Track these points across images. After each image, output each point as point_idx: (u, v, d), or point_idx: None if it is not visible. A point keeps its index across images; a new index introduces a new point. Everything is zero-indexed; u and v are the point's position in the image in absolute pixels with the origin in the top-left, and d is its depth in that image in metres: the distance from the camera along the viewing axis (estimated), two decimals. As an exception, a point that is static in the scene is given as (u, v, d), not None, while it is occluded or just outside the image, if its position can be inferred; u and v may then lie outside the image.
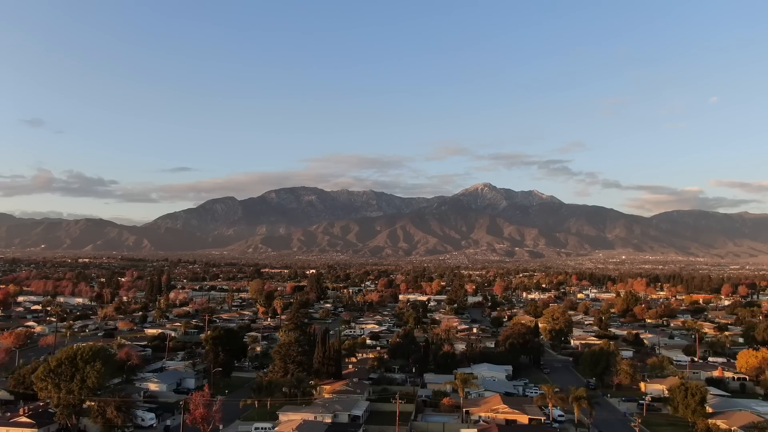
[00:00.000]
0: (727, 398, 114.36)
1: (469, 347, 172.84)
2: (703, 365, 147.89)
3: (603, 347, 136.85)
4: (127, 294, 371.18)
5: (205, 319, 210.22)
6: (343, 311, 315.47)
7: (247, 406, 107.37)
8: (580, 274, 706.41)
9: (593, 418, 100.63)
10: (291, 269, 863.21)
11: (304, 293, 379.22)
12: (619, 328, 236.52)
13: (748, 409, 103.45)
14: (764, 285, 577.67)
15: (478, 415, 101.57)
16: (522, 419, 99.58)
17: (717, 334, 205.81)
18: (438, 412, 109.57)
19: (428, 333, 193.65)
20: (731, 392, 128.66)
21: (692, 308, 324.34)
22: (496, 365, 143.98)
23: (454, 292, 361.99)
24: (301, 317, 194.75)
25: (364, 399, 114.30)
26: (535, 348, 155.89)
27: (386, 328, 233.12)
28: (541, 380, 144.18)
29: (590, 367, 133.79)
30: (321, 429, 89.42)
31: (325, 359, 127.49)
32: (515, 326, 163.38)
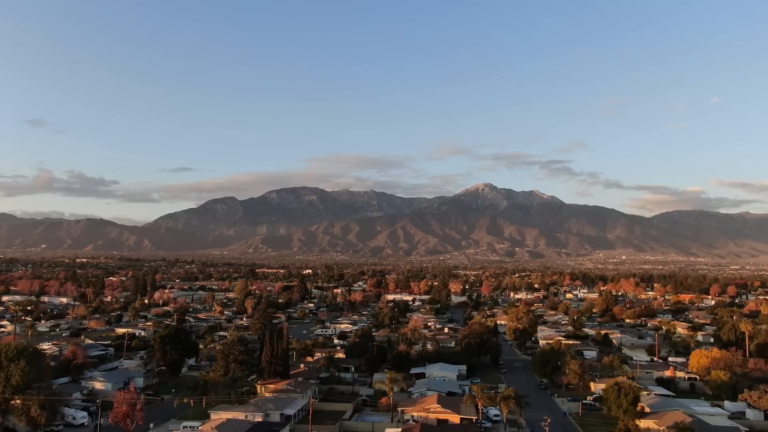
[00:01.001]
0: (669, 398, 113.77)
1: (434, 346, 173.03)
2: (656, 365, 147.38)
3: (554, 347, 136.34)
4: (113, 294, 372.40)
5: (175, 319, 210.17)
6: (324, 311, 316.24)
7: (183, 405, 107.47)
8: (573, 275, 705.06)
9: (523, 418, 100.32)
10: (287, 269, 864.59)
11: (289, 293, 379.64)
12: (594, 328, 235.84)
13: (685, 408, 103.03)
14: (757, 285, 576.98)
15: (410, 415, 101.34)
16: (454, 419, 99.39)
17: (690, 334, 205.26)
18: (377, 412, 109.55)
19: (396, 333, 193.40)
20: (680, 392, 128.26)
21: (675, 308, 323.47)
22: (450, 365, 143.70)
23: (437, 292, 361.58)
24: (268, 317, 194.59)
25: (305, 398, 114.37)
26: (493, 347, 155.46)
27: (359, 327, 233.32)
28: (495, 380, 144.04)
29: (540, 367, 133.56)
30: (243, 428, 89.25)
31: (273, 358, 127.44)
32: (473, 326, 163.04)
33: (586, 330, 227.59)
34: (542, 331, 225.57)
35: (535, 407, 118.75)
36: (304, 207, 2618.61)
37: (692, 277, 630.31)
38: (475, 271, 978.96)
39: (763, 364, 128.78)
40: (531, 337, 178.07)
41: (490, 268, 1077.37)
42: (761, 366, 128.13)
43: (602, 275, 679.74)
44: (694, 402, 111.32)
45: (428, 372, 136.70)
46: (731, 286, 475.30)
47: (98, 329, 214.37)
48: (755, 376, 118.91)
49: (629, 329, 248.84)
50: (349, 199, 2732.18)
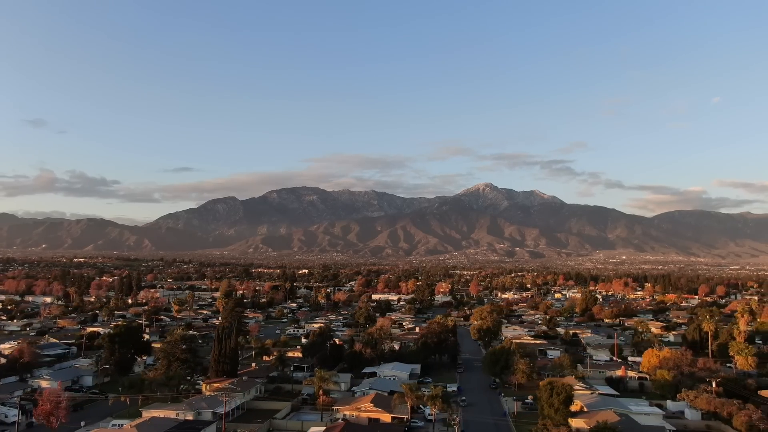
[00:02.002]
0: (610, 398, 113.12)
1: (399, 346, 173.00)
2: (610, 364, 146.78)
3: (504, 347, 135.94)
4: (98, 293, 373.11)
5: (145, 318, 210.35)
6: (306, 310, 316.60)
7: (120, 403, 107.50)
8: (567, 275, 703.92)
9: (457, 417, 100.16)
10: (282, 269, 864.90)
11: (274, 292, 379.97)
12: (571, 328, 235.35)
13: (621, 408, 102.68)
14: (750, 285, 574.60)
15: (343, 414, 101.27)
16: (385, 418, 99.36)
17: (657, 333, 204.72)
18: (315, 410, 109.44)
19: (362, 332, 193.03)
20: (629, 391, 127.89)
21: (657, 308, 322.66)
22: (404, 364, 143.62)
23: (420, 292, 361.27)
24: (235, 316, 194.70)
25: (247, 396, 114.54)
26: (450, 347, 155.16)
27: (333, 326, 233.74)
28: (450, 379, 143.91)
29: (489, 367, 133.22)
30: (166, 426, 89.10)
31: (221, 357, 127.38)
32: (432, 325, 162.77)
33: (559, 329, 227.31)
34: (515, 330, 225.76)
35: (481, 406, 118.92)
36: (304, 207, 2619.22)
37: (685, 278, 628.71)
38: (472, 271, 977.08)
39: (712, 364, 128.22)
40: (495, 336, 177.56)
41: (488, 268, 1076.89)
42: (710, 365, 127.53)
43: (593, 275, 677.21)
44: (634, 401, 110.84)
45: (380, 372, 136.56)
46: (720, 285, 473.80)
47: (69, 328, 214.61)
48: (700, 376, 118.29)
49: (605, 329, 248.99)
50: (349, 199, 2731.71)
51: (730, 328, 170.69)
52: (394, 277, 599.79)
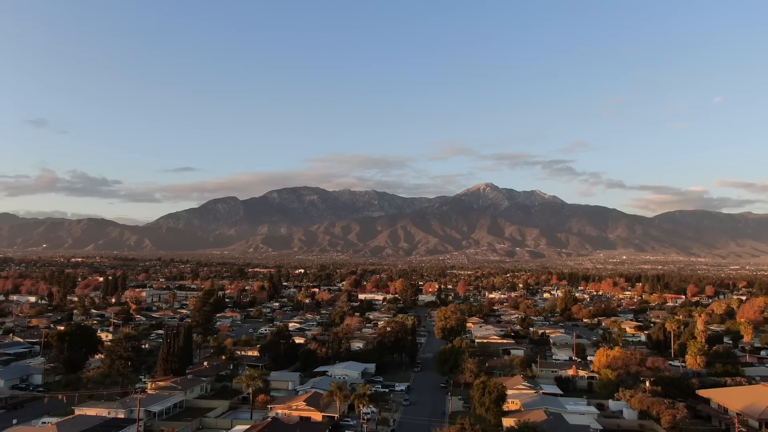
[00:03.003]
0: (552, 397, 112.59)
1: (366, 344, 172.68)
2: (562, 364, 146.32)
3: (454, 346, 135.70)
4: (83, 292, 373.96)
5: (113, 317, 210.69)
6: (287, 310, 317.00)
7: (57, 402, 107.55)
8: (560, 274, 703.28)
9: (381, 417, 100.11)
10: (277, 269, 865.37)
11: (260, 292, 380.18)
12: (545, 327, 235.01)
13: (557, 407, 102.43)
14: (742, 285, 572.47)
15: (276, 412, 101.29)
16: (316, 417, 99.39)
17: (621, 332, 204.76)
18: (254, 409, 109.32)
19: (329, 331, 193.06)
20: (578, 390, 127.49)
21: (639, 308, 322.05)
22: (357, 363, 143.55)
23: (404, 292, 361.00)
24: (204, 315, 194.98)
25: (189, 395, 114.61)
26: (408, 346, 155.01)
27: (306, 325, 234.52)
28: (404, 378, 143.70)
29: (438, 366, 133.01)
30: (89, 424, 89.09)
31: (168, 356, 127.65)
32: (389, 324, 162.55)
33: (533, 329, 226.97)
34: (487, 330, 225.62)
35: (423, 406, 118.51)
36: (305, 207, 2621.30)
37: (677, 278, 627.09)
38: (469, 271, 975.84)
39: (660, 363, 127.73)
40: (458, 335, 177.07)
41: (486, 268, 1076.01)
42: (659, 364, 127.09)
43: (585, 275, 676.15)
44: (574, 401, 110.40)
45: (331, 371, 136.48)
46: (710, 285, 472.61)
47: (41, 327, 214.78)
48: (646, 375, 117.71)
49: (581, 328, 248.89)
50: (350, 199, 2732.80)
51: (691, 328, 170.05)
52: (386, 276, 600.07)
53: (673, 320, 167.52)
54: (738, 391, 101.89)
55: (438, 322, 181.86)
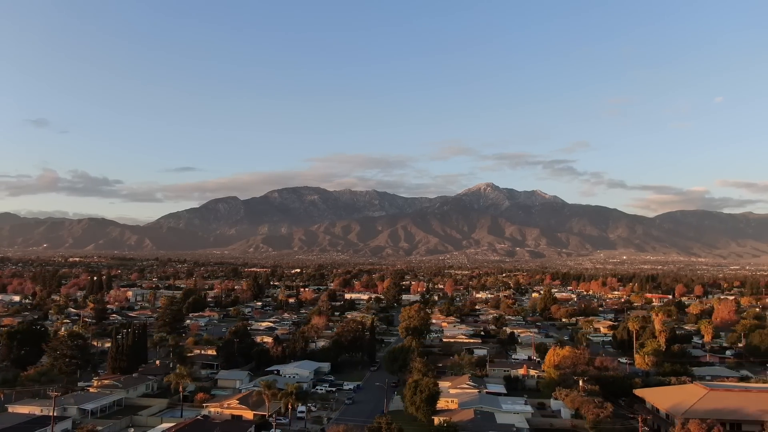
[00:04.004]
0: (492, 396, 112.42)
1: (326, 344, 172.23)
2: (514, 364, 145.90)
3: (404, 345, 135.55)
4: (69, 291, 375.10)
5: (84, 316, 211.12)
6: (268, 309, 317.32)
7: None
8: (554, 274, 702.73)
9: (311, 415, 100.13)
10: (273, 268, 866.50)
11: (245, 292, 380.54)
12: (520, 327, 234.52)
13: (491, 406, 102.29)
14: (736, 285, 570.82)
15: (209, 411, 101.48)
16: (247, 415, 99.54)
17: (588, 332, 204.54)
18: (194, 407, 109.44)
19: (297, 330, 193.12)
20: (527, 390, 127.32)
21: (621, 308, 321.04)
22: (312, 362, 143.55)
23: (388, 292, 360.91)
24: (172, 315, 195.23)
25: (132, 393, 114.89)
26: (365, 345, 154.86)
27: (281, 324, 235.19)
28: (359, 377, 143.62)
29: (388, 365, 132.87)
30: (14, 421, 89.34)
31: (117, 354, 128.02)
32: (348, 323, 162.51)
33: (506, 329, 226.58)
34: (459, 329, 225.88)
35: (367, 405, 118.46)
36: (305, 207, 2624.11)
37: (670, 277, 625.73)
38: (466, 271, 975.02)
39: (609, 363, 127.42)
40: (421, 334, 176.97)
41: (484, 268, 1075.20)
42: (608, 364, 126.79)
43: (578, 275, 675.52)
44: (512, 400, 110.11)
45: (283, 370, 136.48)
46: (699, 285, 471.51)
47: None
48: (591, 375, 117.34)
49: (558, 328, 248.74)
50: (351, 199, 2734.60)
51: (652, 328, 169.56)
52: (377, 276, 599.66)
53: (635, 320, 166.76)
54: (670, 390, 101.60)
55: (401, 322, 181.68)
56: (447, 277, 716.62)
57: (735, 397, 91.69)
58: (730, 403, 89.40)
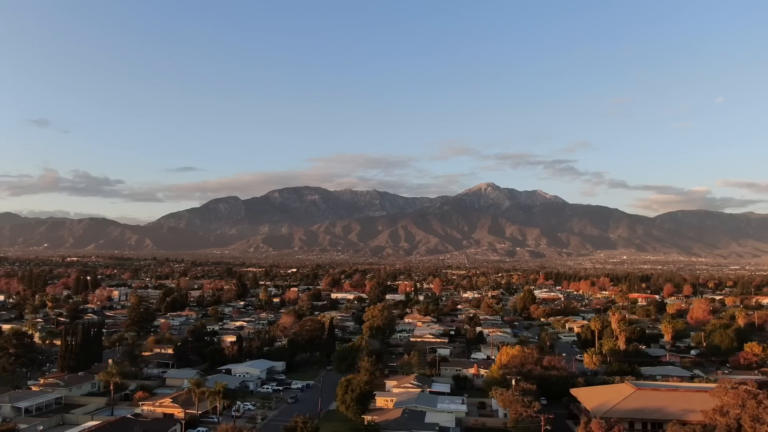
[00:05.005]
0: (431, 395, 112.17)
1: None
2: (467, 363, 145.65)
3: (355, 344, 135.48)
4: (55, 291, 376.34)
5: (56, 315, 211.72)
6: (250, 309, 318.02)
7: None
8: (547, 274, 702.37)
9: (238, 414, 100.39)
10: (268, 268, 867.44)
11: (229, 291, 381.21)
12: (492, 327, 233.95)
13: (426, 405, 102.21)
14: (729, 284, 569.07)
15: (141, 409, 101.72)
16: (178, 413, 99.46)
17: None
18: (132, 406, 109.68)
19: (264, 329, 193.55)
20: (476, 389, 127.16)
21: (604, 307, 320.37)
22: (266, 361, 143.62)
23: (371, 291, 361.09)
24: (139, 315, 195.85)
25: (75, 391, 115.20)
26: (323, 344, 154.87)
27: (255, 325, 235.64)
28: (312, 376, 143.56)
29: (337, 364, 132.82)
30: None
31: (67, 353, 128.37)
32: (305, 323, 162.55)
33: (479, 328, 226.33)
34: (431, 329, 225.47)
35: (309, 404, 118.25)
36: (306, 206, 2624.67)
37: (663, 277, 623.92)
38: (462, 270, 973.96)
39: (557, 362, 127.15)
40: (384, 334, 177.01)
41: (482, 268, 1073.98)
42: (555, 363, 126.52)
43: (571, 275, 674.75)
44: (450, 399, 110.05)
45: (234, 369, 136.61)
46: (688, 285, 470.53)
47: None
48: (535, 374, 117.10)
49: (535, 328, 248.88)
50: (351, 199, 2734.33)
51: (612, 327, 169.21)
52: (371, 276, 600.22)
53: (597, 320, 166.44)
54: (601, 390, 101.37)
55: (365, 321, 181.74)
56: (441, 276, 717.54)
57: (661, 396, 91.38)
58: (654, 402, 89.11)
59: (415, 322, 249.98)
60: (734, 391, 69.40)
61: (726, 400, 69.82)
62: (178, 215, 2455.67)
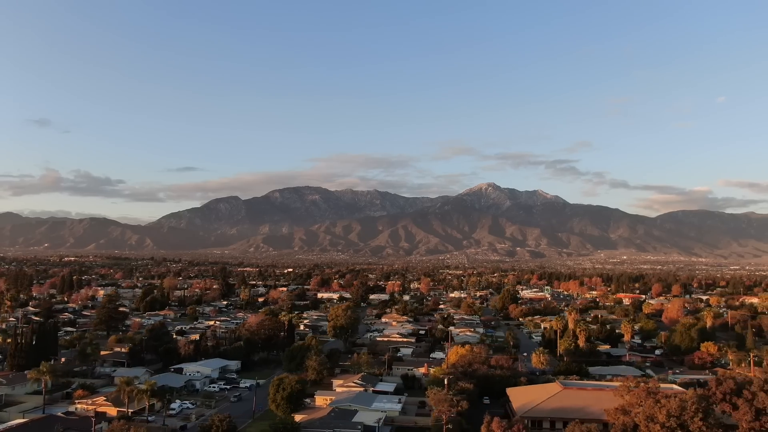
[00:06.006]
0: (371, 394, 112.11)
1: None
2: (417, 362, 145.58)
3: (305, 343, 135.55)
4: (41, 290, 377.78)
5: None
6: (231, 308, 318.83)
7: None
8: (541, 274, 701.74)
9: (167, 412, 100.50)
10: (264, 268, 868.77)
11: (213, 291, 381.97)
12: (472, 326, 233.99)
13: (361, 404, 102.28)
14: (722, 284, 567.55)
15: (76, 407, 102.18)
16: (111, 411, 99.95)
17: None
18: (72, 404, 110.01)
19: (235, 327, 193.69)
20: (423, 388, 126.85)
21: (585, 307, 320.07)
22: (221, 360, 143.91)
23: (355, 291, 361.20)
24: (107, 312, 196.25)
25: (20, 389, 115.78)
26: (280, 344, 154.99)
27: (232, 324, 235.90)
28: (265, 375, 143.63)
29: (287, 364, 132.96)
30: None
31: (17, 351, 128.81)
32: (263, 322, 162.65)
33: (451, 328, 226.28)
34: (402, 329, 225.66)
35: (251, 403, 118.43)
36: (307, 206, 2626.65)
37: (656, 277, 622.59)
38: (458, 270, 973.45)
39: (504, 361, 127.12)
40: (347, 333, 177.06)
41: (480, 268, 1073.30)
42: (503, 363, 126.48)
43: (560, 274, 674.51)
44: (387, 398, 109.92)
45: (186, 368, 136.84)
46: (676, 285, 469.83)
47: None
48: (478, 373, 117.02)
49: (512, 327, 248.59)
50: (352, 199, 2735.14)
51: (573, 327, 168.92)
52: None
53: (559, 320, 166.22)
54: (531, 389, 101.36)
55: (329, 321, 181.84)
56: (436, 276, 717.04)
57: (585, 395, 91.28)
58: (578, 401, 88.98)
59: (391, 321, 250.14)
60: (635, 391, 69.16)
61: (628, 399, 69.60)
62: (179, 215, 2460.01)
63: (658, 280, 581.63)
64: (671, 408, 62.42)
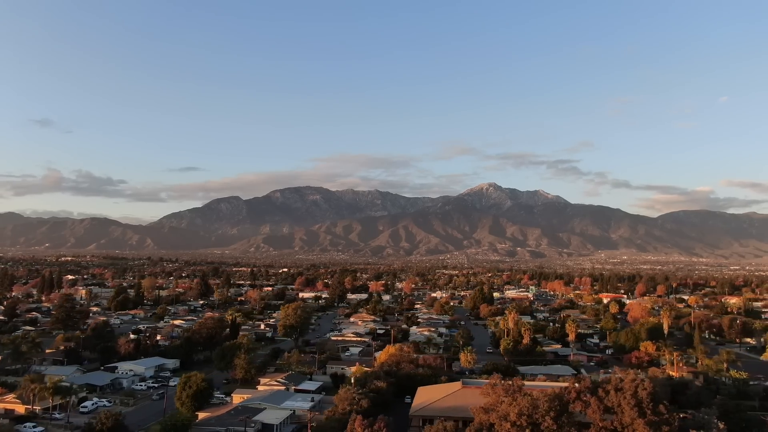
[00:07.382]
0: (279, 392, 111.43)
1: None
2: (351, 361, 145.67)
3: (235, 342, 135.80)
4: (23, 290, 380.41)
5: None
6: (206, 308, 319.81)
7: None
8: (532, 274, 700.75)
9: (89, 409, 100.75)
10: (253, 268, 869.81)
11: (195, 291, 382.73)
12: (439, 326, 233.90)
13: (273, 403, 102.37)
14: (713, 284, 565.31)
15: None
16: (20, 409, 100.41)
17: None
18: None
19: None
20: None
21: (558, 307, 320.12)
22: (159, 359, 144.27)
23: (332, 291, 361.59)
24: (64, 311, 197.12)
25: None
26: (222, 342, 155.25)
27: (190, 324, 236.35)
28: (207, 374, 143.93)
29: (218, 362, 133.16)
30: None
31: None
32: (206, 321, 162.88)
33: (415, 327, 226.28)
34: (361, 328, 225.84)
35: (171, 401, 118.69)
36: (308, 206, 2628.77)
37: (647, 278, 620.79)
38: (455, 271, 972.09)
39: (432, 361, 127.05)
40: (297, 332, 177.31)
41: (479, 268, 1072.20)
42: (430, 362, 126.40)
43: (551, 274, 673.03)
44: (303, 397, 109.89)
45: (121, 366, 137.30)
46: (660, 285, 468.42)
47: None
48: (401, 372, 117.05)
49: (480, 327, 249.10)
50: (353, 199, 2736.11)
51: (518, 327, 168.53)
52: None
53: (505, 319, 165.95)
54: (436, 388, 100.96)
55: (281, 320, 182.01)
56: (434, 276, 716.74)
57: (480, 394, 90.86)
58: (471, 400, 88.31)
59: (357, 321, 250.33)
60: (497, 388, 68.99)
61: (493, 398, 69.46)
62: (180, 215, 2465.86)
63: (649, 280, 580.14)
64: (523, 406, 62.24)
